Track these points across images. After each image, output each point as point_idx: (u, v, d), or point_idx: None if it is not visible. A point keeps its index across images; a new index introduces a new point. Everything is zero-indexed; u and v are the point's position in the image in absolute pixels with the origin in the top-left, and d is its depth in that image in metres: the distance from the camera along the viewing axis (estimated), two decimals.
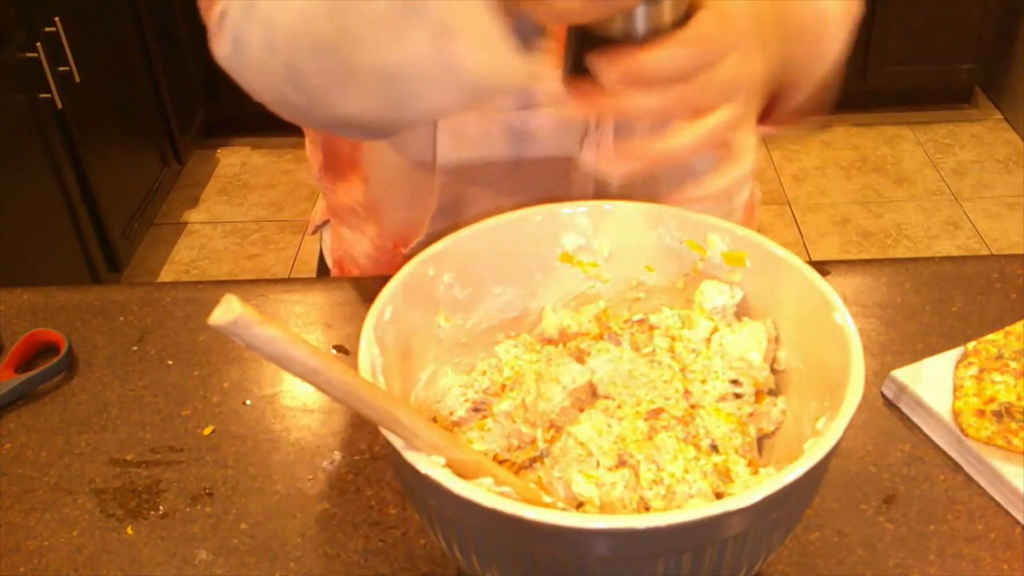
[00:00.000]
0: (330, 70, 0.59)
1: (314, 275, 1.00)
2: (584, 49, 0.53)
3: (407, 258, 0.59)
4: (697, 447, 0.56)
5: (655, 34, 0.51)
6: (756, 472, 0.55)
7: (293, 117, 0.68)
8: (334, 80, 0.60)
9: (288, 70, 0.61)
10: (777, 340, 0.60)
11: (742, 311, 0.62)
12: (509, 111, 0.74)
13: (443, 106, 0.59)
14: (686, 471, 0.54)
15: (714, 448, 0.56)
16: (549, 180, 0.77)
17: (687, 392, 0.59)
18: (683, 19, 0.51)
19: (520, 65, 0.52)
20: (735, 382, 0.59)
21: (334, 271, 0.95)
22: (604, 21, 0.52)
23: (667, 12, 0.51)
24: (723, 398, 0.59)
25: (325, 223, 0.96)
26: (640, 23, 0.51)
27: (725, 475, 0.55)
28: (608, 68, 0.51)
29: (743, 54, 0.53)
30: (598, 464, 0.55)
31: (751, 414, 0.59)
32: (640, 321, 0.63)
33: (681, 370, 0.60)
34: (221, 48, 0.65)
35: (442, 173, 0.77)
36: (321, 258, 0.99)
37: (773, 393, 0.60)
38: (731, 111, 0.54)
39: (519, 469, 0.58)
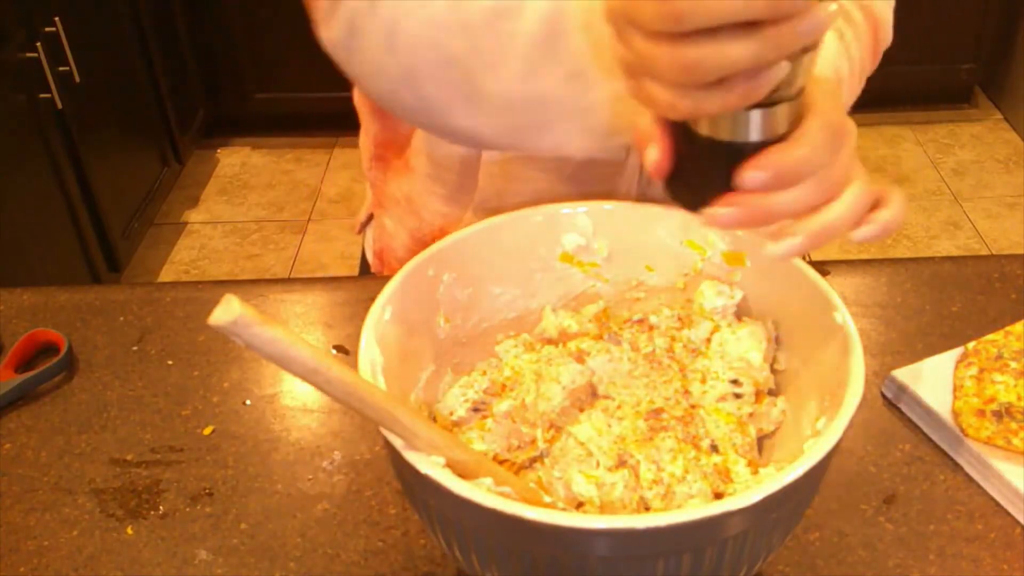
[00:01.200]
0: (454, 85, 0.59)
1: (314, 276, 1.00)
2: (690, 156, 0.50)
3: None
4: (697, 447, 0.56)
5: (768, 143, 0.48)
6: (756, 472, 0.55)
7: (401, 115, 0.68)
8: (456, 95, 0.59)
9: (407, 74, 0.60)
10: (777, 340, 0.60)
11: (742, 311, 0.62)
12: None
13: (568, 144, 0.59)
14: (686, 471, 0.54)
15: (714, 448, 0.56)
16: (594, 182, 0.76)
17: (687, 392, 0.59)
18: (793, 127, 0.48)
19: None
20: (735, 382, 0.59)
21: (374, 263, 0.95)
22: (716, 125, 0.48)
23: (783, 119, 0.48)
24: (723, 398, 0.59)
25: (369, 219, 0.97)
26: (755, 130, 0.48)
27: (725, 475, 0.55)
28: (754, 170, 0.47)
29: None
30: (598, 464, 0.55)
31: (751, 414, 0.59)
32: (640, 321, 0.63)
33: (681, 370, 0.60)
34: (331, 33, 0.64)
35: (486, 167, 0.77)
36: (363, 256, 1.00)
37: (773, 393, 0.60)
38: (863, 184, 0.51)
39: (519, 469, 0.58)
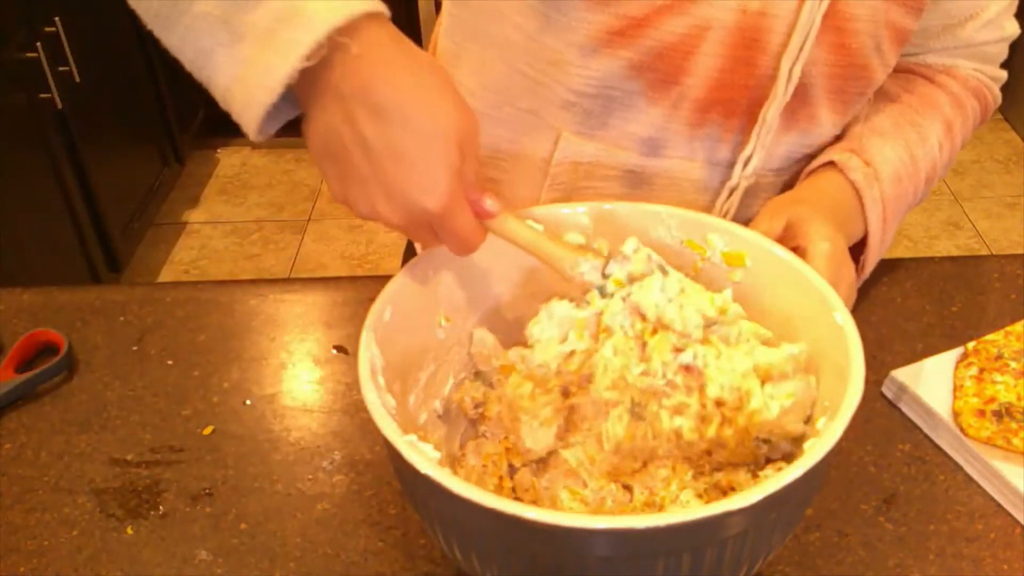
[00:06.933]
0: (153, 11, 0.61)
1: (314, 276, 1.00)
2: None
3: None
4: (701, 473, 0.55)
5: None
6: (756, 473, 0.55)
7: None
8: (156, 19, 0.61)
9: None
10: (778, 340, 0.60)
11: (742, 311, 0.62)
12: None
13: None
14: (681, 489, 0.54)
15: (717, 470, 0.56)
16: (666, 194, 0.75)
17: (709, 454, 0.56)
18: None
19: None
20: (766, 441, 0.55)
21: None
22: None
23: None
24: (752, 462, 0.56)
25: None
26: None
27: (728, 488, 0.55)
28: None
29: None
30: (585, 484, 0.55)
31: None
32: (688, 368, 0.56)
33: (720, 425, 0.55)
34: None
35: (557, 166, 0.75)
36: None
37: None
38: None
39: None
